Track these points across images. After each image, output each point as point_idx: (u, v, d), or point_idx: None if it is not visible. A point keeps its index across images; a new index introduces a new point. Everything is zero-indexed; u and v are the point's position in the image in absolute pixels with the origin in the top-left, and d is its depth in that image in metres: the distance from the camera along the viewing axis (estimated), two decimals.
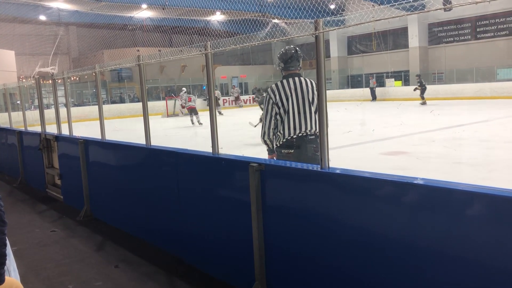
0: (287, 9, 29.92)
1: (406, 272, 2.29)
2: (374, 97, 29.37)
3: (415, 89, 23.57)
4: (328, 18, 3.14)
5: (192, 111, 18.85)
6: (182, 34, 34.09)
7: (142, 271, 3.88)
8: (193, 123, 18.58)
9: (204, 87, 34.96)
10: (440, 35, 31.03)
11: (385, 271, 2.38)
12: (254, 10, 30.42)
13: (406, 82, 31.54)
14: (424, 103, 22.66)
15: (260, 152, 4.01)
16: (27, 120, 8.75)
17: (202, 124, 17.97)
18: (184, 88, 24.97)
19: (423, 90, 23.14)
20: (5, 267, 1.66)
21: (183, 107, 22.54)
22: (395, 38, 33.37)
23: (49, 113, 7.90)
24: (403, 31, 32.24)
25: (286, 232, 2.93)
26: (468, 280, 2.06)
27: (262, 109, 6.91)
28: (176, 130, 16.78)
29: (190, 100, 19.28)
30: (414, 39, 31.32)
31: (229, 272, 3.49)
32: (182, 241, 3.96)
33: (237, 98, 31.59)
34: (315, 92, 3.88)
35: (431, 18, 30.65)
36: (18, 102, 14.38)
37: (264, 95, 4.36)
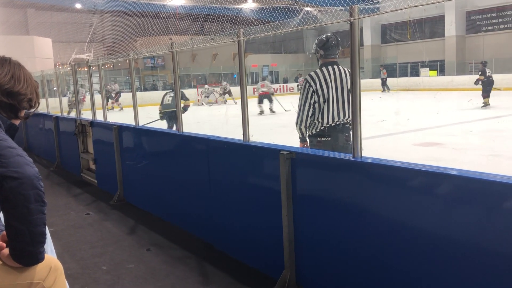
0: None
1: (438, 263, 2.24)
2: (385, 89, 28.40)
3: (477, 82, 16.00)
4: (364, 5, 3.07)
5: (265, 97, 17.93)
6: (214, 22, 34.19)
7: (173, 255, 3.95)
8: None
9: (235, 76, 35.00)
10: (479, 23, 29.97)
11: (417, 262, 2.35)
12: None
13: (442, 72, 30.69)
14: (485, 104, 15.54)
15: (288, 140, 3.99)
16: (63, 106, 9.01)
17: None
18: (206, 86, 25.12)
19: (488, 83, 15.61)
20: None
21: (224, 95, 21.35)
22: (431, 27, 32.44)
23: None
24: (440, 19, 31.29)
25: (316, 221, 2.92)
26: (504, 274, 2.00)
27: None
28: (207, 118, 16.89)
29: (263, 86, 18.41)
30: (451, 27, 30.35)
31: (259, 259, 3.51)
32: (213, 227, 4.00)
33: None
34: None
35: (469, 6, 29.62)
36: (55, 88, 14.76)
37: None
